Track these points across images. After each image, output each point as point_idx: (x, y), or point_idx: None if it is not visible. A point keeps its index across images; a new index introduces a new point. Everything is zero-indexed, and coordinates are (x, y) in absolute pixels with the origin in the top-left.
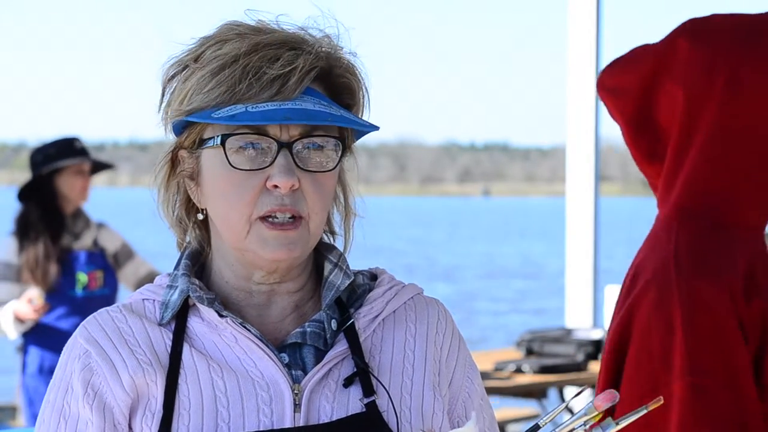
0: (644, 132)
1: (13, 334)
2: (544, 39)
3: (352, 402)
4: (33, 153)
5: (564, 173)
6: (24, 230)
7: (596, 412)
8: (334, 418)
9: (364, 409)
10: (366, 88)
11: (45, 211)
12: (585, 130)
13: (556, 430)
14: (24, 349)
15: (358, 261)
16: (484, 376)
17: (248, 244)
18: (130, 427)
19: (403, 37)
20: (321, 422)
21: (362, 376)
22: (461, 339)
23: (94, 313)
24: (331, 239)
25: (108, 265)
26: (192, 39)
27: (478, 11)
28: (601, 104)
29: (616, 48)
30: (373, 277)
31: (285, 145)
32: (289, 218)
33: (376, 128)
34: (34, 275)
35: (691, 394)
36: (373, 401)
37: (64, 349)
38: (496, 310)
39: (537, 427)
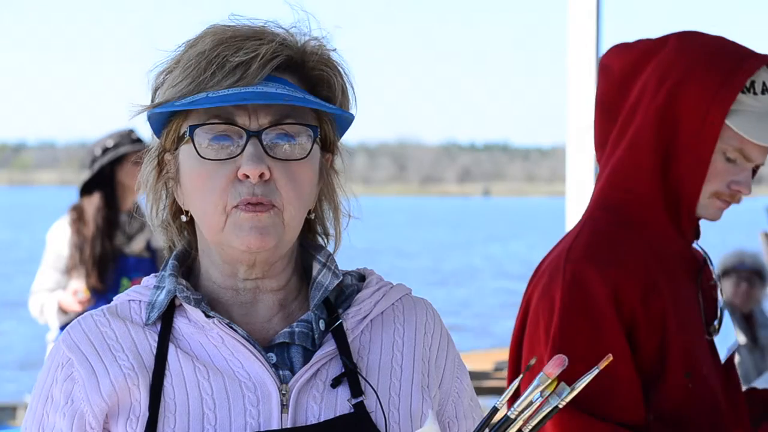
0: (607, 116)
1: (55, 323)
2: (544, 39)
3: (340, 402)
4: (90, 149)
5: (564, 173)
6: (79, 223)
7: (549, 380)
8: (321, 419)
9: (352, 410)
10: (349, 83)
11: (105, 204)
12: (585, 130)
13: (515, 405)
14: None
15: (371, 263)
16: (484, 376)
17: (225, 237)
18: None
19: (403, 37)
20: (309, 423)
21: (350, 376)
22: (450, 339)
23: (79, 318)
24: (325, 241)
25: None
26: (177, 45)
27: (479, 11)
28: None
29: None
30: (361, 277)
31: (254, 134)
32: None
33: (346, 113)
34: (88, 273)
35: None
36: (361, 402)
37: (48, 355)
38: (500, 311)
39: (495, 410)
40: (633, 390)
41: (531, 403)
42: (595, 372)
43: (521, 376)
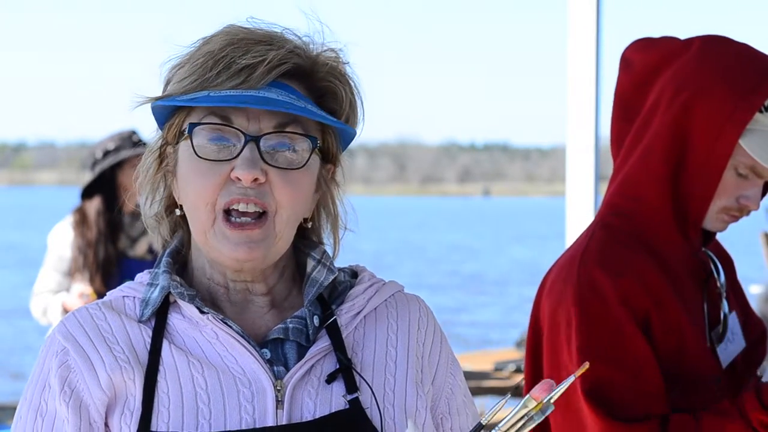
0: (625, 115)
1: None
2: (544, 39)
3: (335, 398)
4: (91, 151)
5: (564, 173)
6: (82, 226)
7: (535, 403)
8: (317, 415)
9: (347, 406)
10: (359, 98)
11: (106, 208)
12: (585, 130)
13: (500, 424)
14: None
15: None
16: (484, 376)
17: (211, 240)
18: (107, 425)
19: (403, 36)
20: (304, 419)
21: (345, 372)
22: (443, 335)
23: (74, 310)
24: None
25: None
26: (192, 41)
27: (479, 11)
28: (602, 104)
29: (616, 48)
30: (353, 274)
31: (252, 139)
32: (251, 217)
33: (347, 128)
34: (92, 277)
35: (583, 375)
36: (356, 397)
37: (43, 345)
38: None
39: (480, 426)
40: (658, 385)
41: (515, 424)
42: (570, 380)
43: (507, 396)
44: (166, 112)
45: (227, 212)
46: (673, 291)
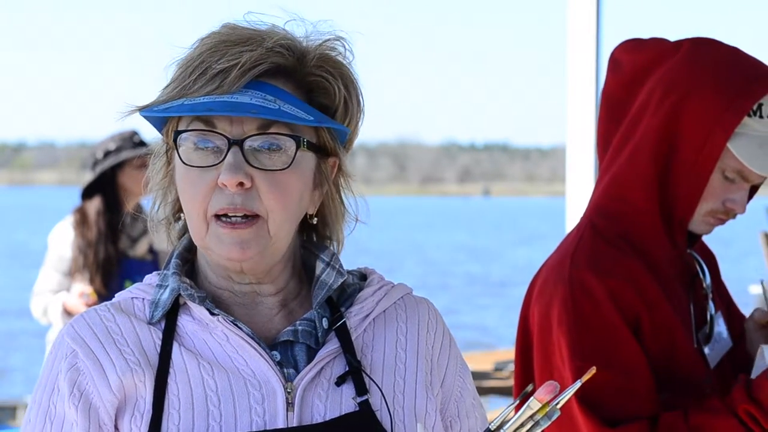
0: (612, 116)
1: (59, 324)
2: (544, 39)
3: (345, 401)
4: (92, 151)
5: (564, 173)
6: (83, 226)
7: (540, 405)
8: (327, 417)
9: (357, 408)
10: (356, 94)
11: (106, 208)
12: (585, 130)
13: (505, 427)
14: None
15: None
16: (484, 376)
17: (208, 242)
18: (116, 428)
19: (403, 37)
20: (314, 421)
21: (355, 374)
22: (452, 338)
23: (82, 312)
24: (335, 246)
25: None
26: (192, 41)
27: (478, 11)
28: None
29: None
30: (362, 276)
31: (235, 142)
32: (242, 217)
33: (334, 125)
34: (92, 277)
35: (577, 377)
36: (367, 400)
37: (51, 347)
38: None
39: (488, 431)
40: (649, 385)
41: (521, 426)
42: (577, 385)
43: (515, 402)
44: (160, 117)
45: (218, 216)
46: (662, 292)
